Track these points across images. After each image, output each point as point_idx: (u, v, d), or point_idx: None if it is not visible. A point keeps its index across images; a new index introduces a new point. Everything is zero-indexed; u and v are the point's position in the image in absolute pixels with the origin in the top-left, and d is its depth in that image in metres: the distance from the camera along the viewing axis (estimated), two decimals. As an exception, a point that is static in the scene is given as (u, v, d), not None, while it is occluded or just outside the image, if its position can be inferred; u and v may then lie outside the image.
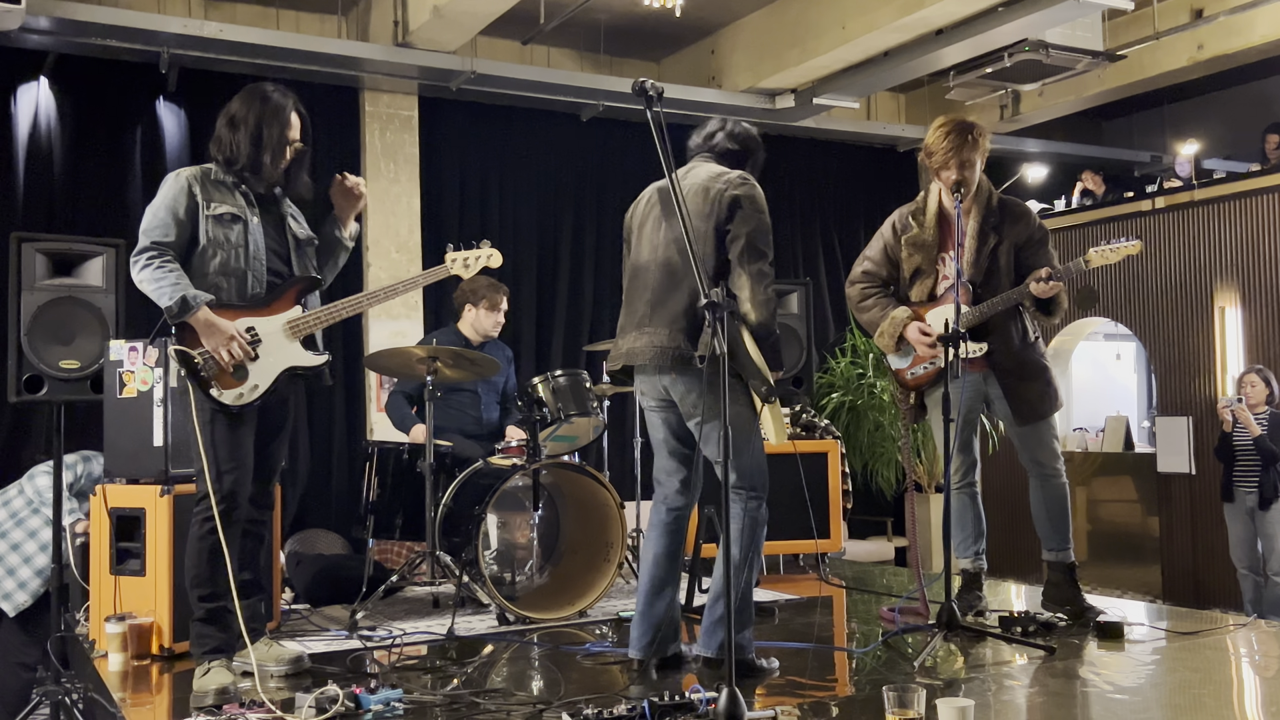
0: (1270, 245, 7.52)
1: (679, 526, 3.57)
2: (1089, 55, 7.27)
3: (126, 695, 3.50)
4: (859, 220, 9.29)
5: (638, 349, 3.45)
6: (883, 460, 8.18)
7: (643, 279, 3.51)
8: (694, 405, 3.39)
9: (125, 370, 4.16)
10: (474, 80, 7.12)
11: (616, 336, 3.63)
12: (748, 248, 3.35)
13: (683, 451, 3.57)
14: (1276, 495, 6.69)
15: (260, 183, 3.60)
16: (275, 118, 3.57)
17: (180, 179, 3.54)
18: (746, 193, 3.40)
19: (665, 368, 3.40)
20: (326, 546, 6.23)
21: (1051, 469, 4.19)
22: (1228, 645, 3.93)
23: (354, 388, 7.28)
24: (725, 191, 3.39)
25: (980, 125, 4.08)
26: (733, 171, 3.48)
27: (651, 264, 3.49)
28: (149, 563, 3.99)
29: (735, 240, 3.37)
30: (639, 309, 3.50)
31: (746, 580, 3.42)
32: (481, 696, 3.27)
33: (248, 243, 3.53)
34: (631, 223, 3.67)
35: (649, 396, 3.55)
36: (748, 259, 3.35)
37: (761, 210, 3.41)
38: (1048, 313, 4.07)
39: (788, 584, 5.30)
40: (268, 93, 3.61)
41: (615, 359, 3.58)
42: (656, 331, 3.41)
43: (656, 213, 3.54)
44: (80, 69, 6.62)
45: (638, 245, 3.59)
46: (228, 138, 3.57)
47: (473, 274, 4.01)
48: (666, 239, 3.46)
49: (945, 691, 3.21)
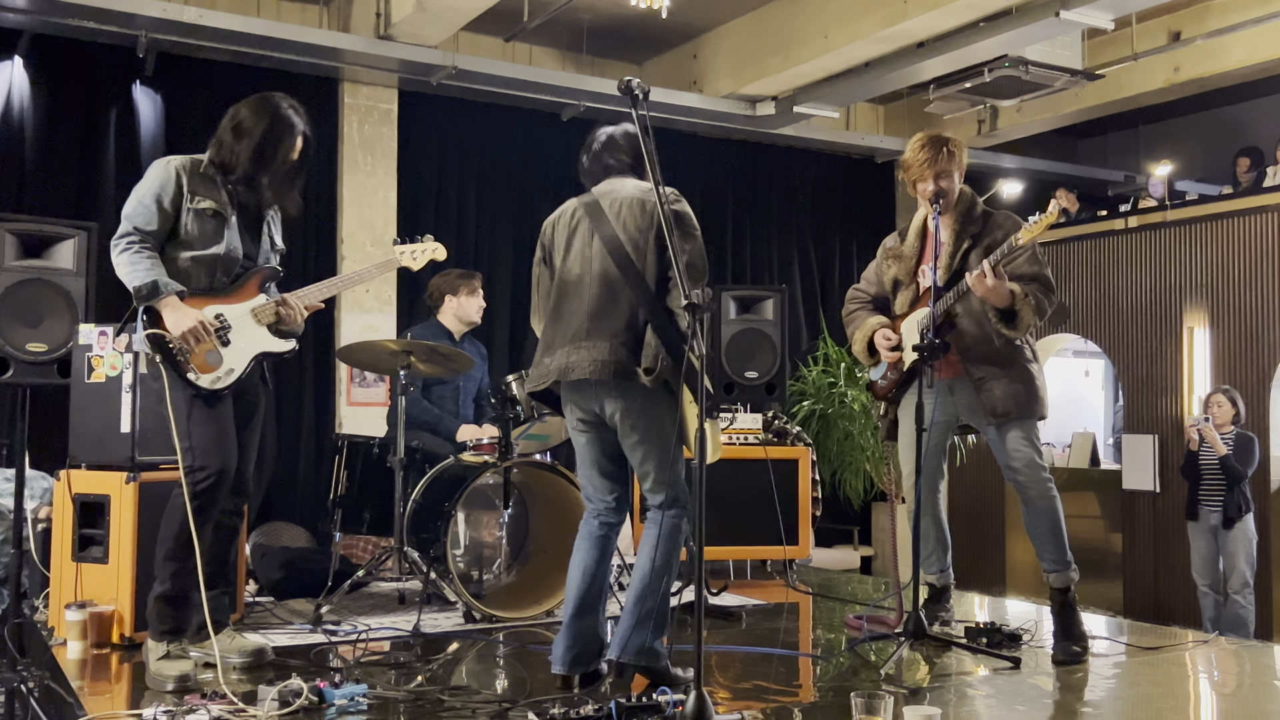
0: (1240, 267, 7.62)
1: (610, 541, 3.46)
2: (1068, 73, 7.33)
3: (85, 684, 3.46)
4: (835, 229, 9.33)
5: (573, 364, 3.30)
6: (851, 469, 8.20)
7: (576, 292, 3.38)
8: (632, 423, 3.27)
9: (94, 355, 4.12)
10: (455, 75, 7.09)
11: (540, 354, 3.45)
12: (690, 266, 3.25)
13: (614, 470, 3.46)
14: (1240, 515, 6.77)
15: (250, 195, 3.60)
16: (281, 140, 3.56)
17: (169, 167, 3.52)
18: (684, 210, 3.34)
19: (605, 382, 3.27)
20: (291, 539, 6.18)
21: (1027, 478, 3.92)
22: (1188, 661, 3.97)
23: (324, 380, 7.23)
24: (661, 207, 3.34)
25: (956, 139, 4.07)
26: (666, 187, 3.43)
27: (585, 276, 3.36)
28: (112, 550, 3.94)
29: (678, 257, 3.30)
30: (573, 323, 3.35)
31: (665, 588, 3.33)
32: (447, 693, 3.25)
33: (224, 239, 3.54)
34: (554, 237, 3.51)
35: (580, 414, 3.40)
36: (691, 278, 3.23)
37: (697, 229, 3.36)
38: (1010, 325, 3.85)
39: (755, 589, 5.31)
40: (279, 110, 3.57)
41: (543, 377, 3.40)
42: (595, 345, 3.28)
43: (585, 226, 3.41)
44: (56, 49, 6.53)
45: (564, 259, 3.44)
46: (229, 144, 3.54)
47: (420, 265, 4.09)
48: (600, 251, 3.35)
49: (909, 700, 3.22)
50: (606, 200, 3.41)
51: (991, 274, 3.73)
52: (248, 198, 3.61)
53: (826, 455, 8.07)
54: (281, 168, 3.59)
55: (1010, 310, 3.84)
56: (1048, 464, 4.02)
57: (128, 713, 3.03)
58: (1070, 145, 10.58)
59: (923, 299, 4.04)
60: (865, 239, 9.13)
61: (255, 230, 3.67)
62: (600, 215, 3.39)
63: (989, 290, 3.75)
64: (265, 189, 3.59)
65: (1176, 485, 7.42)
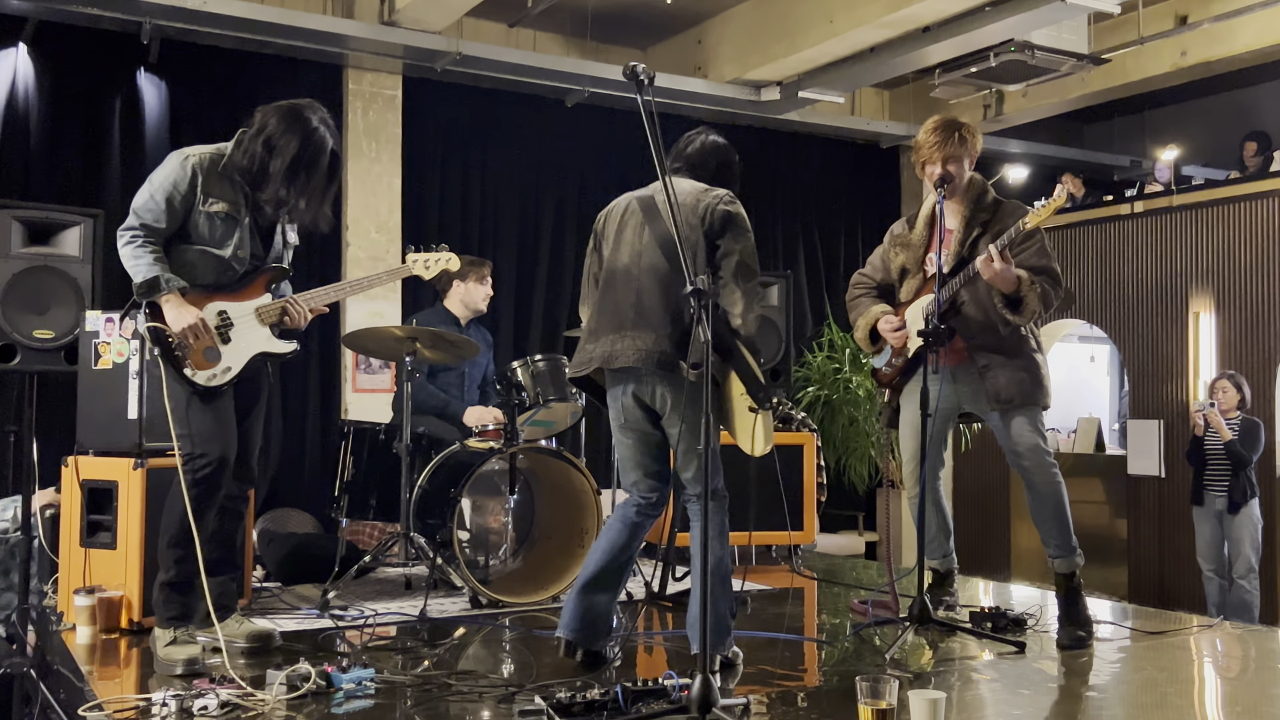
0: (1246, 252, 7.60)
1: (642, 530, 3.47)
2: (1074, 58, 7.30)
3: (94, 668, 3.48)
4: (840, 215, 9.31)
5: (618, 351, 3.33)
6: (856, 455, 8.20)
7: (624, 282, 3.41)
8: (679, 414, 3.28)
9: (101, 342, 4.13)
10: (459, 61, 7.07)
11: (584, 340, 3.48)
12: (741, 265, 3.32)
13: (657, 469, 3.48)
14: (1245, 500, 6.78)
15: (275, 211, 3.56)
16: (316, 163, 3.49)
17: (187, 164, 3.46)
18: (738, 210, 3.38)
19: (650, 371, 3.30)
20: (298, 525, 6.20)
21: (1032, 463, 3.91)
22: (1192, 646, 3.98)
23: (329, 367, 7.24)
24: (716, 206, 3.36)
25: (970, 125, 4.04)
26: (720, 189, 3.45)
27: (634, 268, 3.40)
28: (120, 536, 3.96)
29: (729, 255, 3.34)
30: (621, 312, 3.38)
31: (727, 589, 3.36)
32: (453, 678, 3.26)
33: (234, 240, 3.52)
34: (606, 227, 3.55)
35: (628, 405, 3.40)
36: (742, 276, 3.33)
37: (749, 230, 3.39)
38: (1015, 311, 3.84)
39: (760, 575, 5.32)
40: (311, 129, 3.48)
41: (586, 362, 3.43)
42: (640, 335, 3.31)
43: (638, 218, 3.45)
44: (60, 36, 6.53)
45: (615, 249, 3.48)
46: (261, 158, 3.45)
47: (432, 274, 4.11)
48: (650, 243, 3.38)
49: (914, 684, 3.24)
50: (661, 196, 3.41)
51: (999, 257, 3.72)
52: (270, 210, 3.57)
53: (831, 441, 8.07)
54: (314, 192, 3.53)
55: (1016, 297, 3.83)
56: (1053, 449, 4.02)
57: (137, 697, 3.04)
58: (1076, 130, 10.54)
59: (928, 286, 4.03)
60: (870, 224, 9.11)
61: (268, 231, 3.64)
62: (654, 210, 3.41)
63: (996, 274, 3.74)
64: (298, 211, 3.56)
65: (1182, 470, 7.42)
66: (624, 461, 3.50)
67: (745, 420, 3.29)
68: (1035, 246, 3.91)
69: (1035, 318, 3.90)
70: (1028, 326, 4.00)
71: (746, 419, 3.29)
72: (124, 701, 3.02)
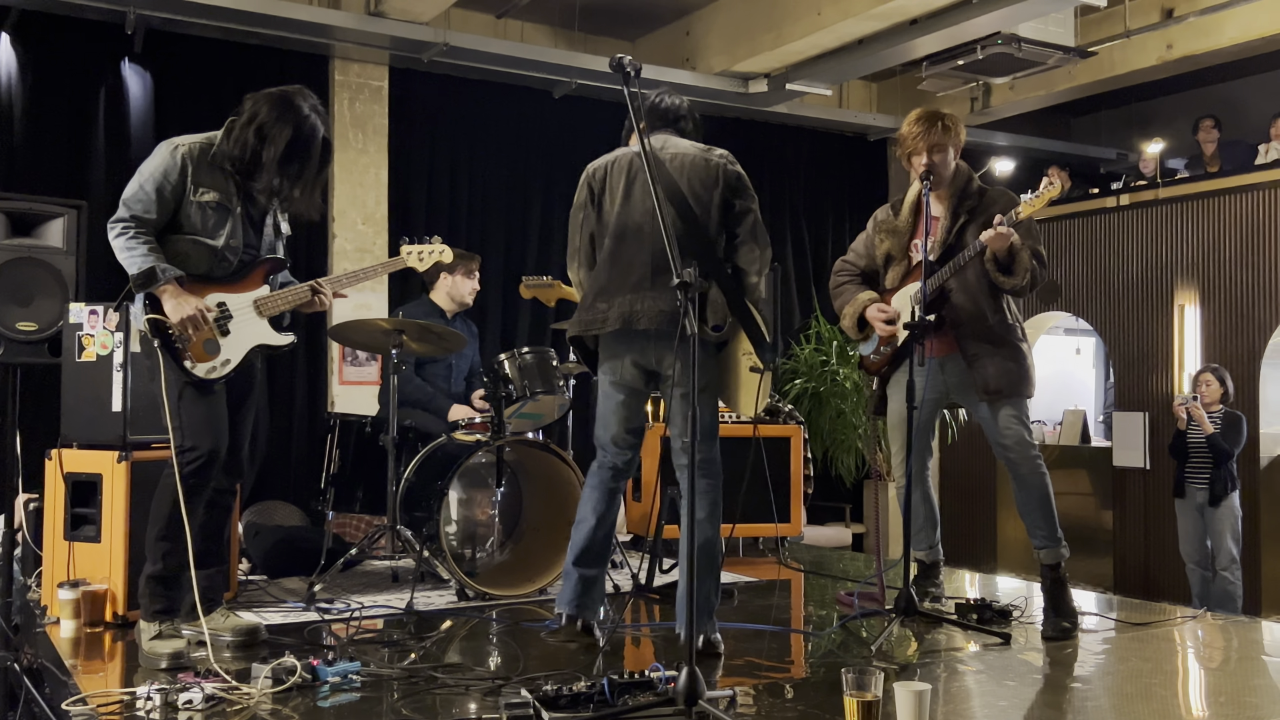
0: (1230, 246, 7.64)
1: (618, 494, 3.53)
2: (1060, 51, 7.32)
3: (78, 662, 3.47)
4: (828, 208, 9.31)
5: (639, 312, 3.28)
6: (843, 447, 8.21)
7: (636, 240, 3.35)
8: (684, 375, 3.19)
9: (85, 334, 4.10)
10: (446, 52, 7.04)
11: (591, 298, 3.41)
12: (757, 224, 3.42)
13: (634, 439, 3.51)
14: (1226, 492, 6.82)
15: (266, 199, 3.55)
16: (309, 152, 3.47)
17: (176, 154, 3.44)
18: (741, 171, 3.44)
19: (665, 334, 3.27)
20: (284, 518, 6.18)
21: (1018, 455, 3.92)
22: (1176, 637, 4.00)
23: (316, 359, 7.21)
24: (726, 166, 3.41)
25: (953, 115, 4.07)
26: (718, 148, 3.49)
27: (646, 225, 3.34)
28: (105, 529, 3.94)
29: (745, 215, 3.40)
30: (636, 270, 3.32)
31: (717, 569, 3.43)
32: (440, 671, 3.26)
33: (226, 229, 3.50)
34: (607, 181, 3.48)
35: (625, 370, 3.38)
36: (759, 237, 3.41)
37: (754, 194, 3.47)
38: (1008, 272, 3.86)
39: (747, 567, 5.33)
40: (303, 116, 3.45)
41: (598, 322, 3.36)
42: (660, 296, 3.26)
43: (644, 176, 3.32)
44: (44, 26, 6.47)
45: (624, 204, 3.41)
46: (253, 147, 3.42)
47: (425, 266, 4.10)
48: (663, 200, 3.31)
49: (899, 675, 3.25)
50: (666, 154, 3.42)
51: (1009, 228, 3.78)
52: (263, 199, 3.56)
53: (818, 433, 8.08)
54: (307, 181, 3.51)
55: (1009, 259, 3.86)
56: (1038, 441, 4.05)
57: (121, 690, 3.03)
58: (1063, 123, 10.56)
59: (914, 274, 4.04)
60: (858, 217, 9.04)
61: (260, 219, 3.62)
62: (661, 169, 3.39)
63: (1002, 240, 3.78)
64: (291, 200, 3.54)
65: (1166, 462, 7.46)
66: (607, 415, 3.50)
67: (749, 380, 3.34)
68: (1022, 228, 3.93)
69: (1025, 278, 3.88)
70: (1014, 316, 4.02)
71: (750, 380, 3.33)
72: (109, 695, 3.01)
